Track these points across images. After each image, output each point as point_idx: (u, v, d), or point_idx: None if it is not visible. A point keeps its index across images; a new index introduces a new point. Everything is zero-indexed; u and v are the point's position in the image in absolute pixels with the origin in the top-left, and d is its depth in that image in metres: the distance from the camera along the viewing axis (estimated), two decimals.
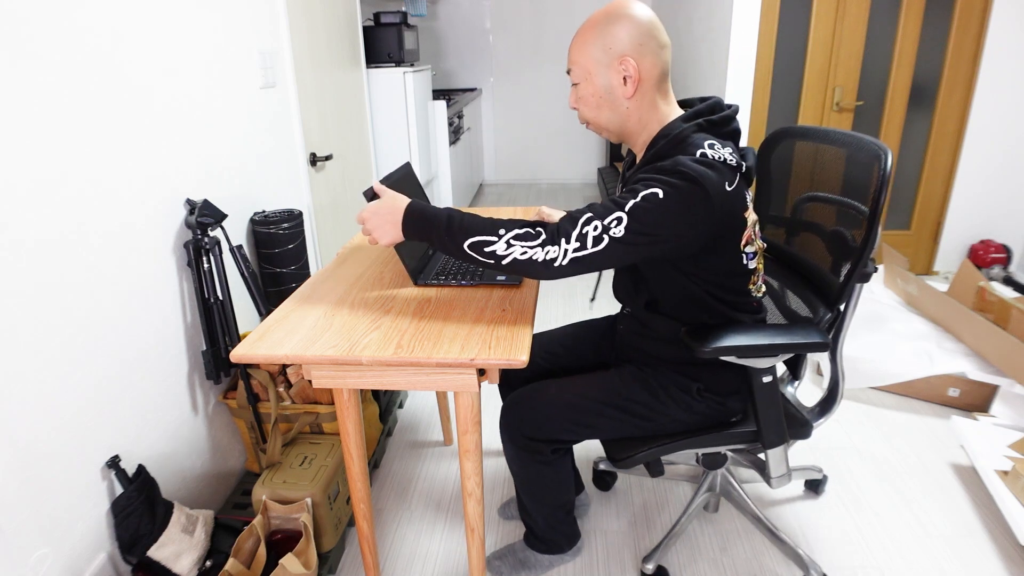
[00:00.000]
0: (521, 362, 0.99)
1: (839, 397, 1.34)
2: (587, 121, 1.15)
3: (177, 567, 1.27)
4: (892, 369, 2.12)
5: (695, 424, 1.26)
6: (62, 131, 1.13)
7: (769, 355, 1.14)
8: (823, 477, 1.70)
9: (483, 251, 1.03)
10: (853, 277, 1.18)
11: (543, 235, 1.01)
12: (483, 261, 1.05)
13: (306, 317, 1.16)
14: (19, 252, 1.05)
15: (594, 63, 1.07)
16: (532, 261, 1.01)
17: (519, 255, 1.02)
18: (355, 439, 1.22)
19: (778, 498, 1.70)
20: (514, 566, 1.47)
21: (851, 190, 1.21)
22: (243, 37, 1.78)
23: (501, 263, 1.03)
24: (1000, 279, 2.67)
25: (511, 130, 5.57)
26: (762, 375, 1.18)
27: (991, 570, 1.46)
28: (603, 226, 0.99)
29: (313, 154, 2.30)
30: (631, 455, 1.24)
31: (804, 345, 1.12)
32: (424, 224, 1.08)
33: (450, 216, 1.07)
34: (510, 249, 1.02)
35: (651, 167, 1.04)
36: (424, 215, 1.08)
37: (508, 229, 1.02)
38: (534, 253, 1.01)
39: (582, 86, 1.11)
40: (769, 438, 1.25)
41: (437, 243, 1.08)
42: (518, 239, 1.02)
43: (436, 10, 5.22)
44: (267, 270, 1.83)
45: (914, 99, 2.96)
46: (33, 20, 1.07)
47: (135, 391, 1.34)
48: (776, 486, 1.32)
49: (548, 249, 1.01)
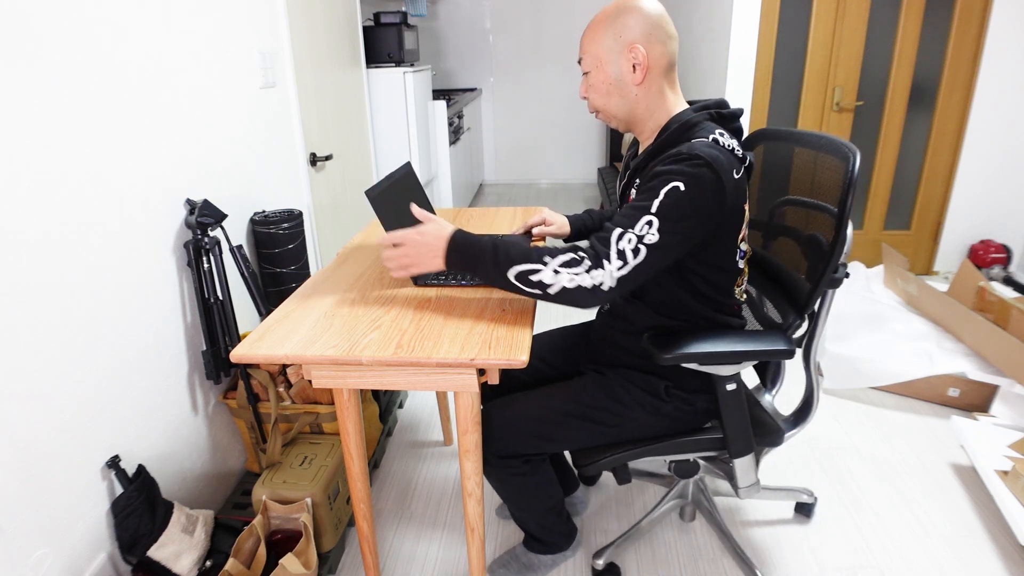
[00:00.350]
0: (521, 362, 0.99)
1: (815, 406, 1.30)
2: (597, 110, 1.16)
3: (177, 567, 1.27)
4: (892, 369, 2.12)
5: (663, 429, 1.24)
6: (62, 131, 1.13)
7: (731, 362, 1.12)
8: (814, 500, 1.63)
9: (530, 280, 1.03)
10: (821, 283, 1.15)
11: (587, 260, 1.00)
12: (529, 291, 1.04)
13: (306, 317, 1.16)
14: (19, 252, 1.05)
15: (605, 51, 1.09)
16: (580, 288, 1.00)
17: (567, 283, 1.01)
18: (355, 439, 1.22)
19: (770, 517, 1.70)
20: (518, 571, 1.46)
21: (824, 193, 1.18)
22: (243, 37, 1.78)
23: (548, 292, 1.02)
24: (1000, 279, 2.67)
25: (511, 130, 5.57)
26: (726, 382, 1.15)
27: (991, 570, 1.46)
28: (636, 236, 0.99)
29: (313, 154, 2.30)
30: (594, 461, 1.23)
31: (767, 352, 1.10)
32: (469, 254, 1.08)
33: (495, 244, 1.06)
34: (557, 277, 1.01)
35: (666, 156, 1.03)
36: (470, 245, 1.08)
37: (553, 256, 1.02)
38: (581, 280, 1.00)
39: (593, 74, 1.12)
40: (736, 446, 1.22)
41: (482, 273, 1.07)
42: (565, 266, 1.01)
43: (436, 10, 5.22)
44: (267, 270, 1.83)
45: (914, 99, 2.96)
46: (33, 20, 1.07)
47: (135, 391, 1.34)
48: (744, 496, 1.30)
49: (594, 274, 1.00)
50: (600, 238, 1.02)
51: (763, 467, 1.83)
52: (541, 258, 1.02)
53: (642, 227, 0.99)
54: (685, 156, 1.00)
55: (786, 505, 1.67)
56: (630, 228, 1.00)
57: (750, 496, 1.31)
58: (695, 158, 0.99)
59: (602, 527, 1.63)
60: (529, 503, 1.35)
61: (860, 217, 3.20)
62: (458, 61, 5.35)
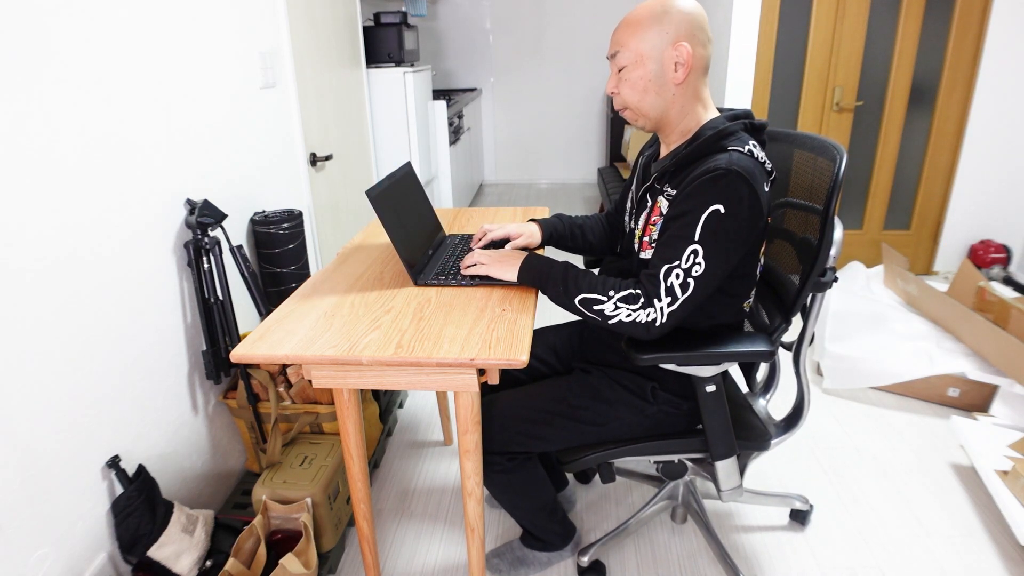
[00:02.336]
0: (521, 362, 0.99)
1: (806, 410, 1.29)
2: (627, 107, 1.13)
3: (177, 567, 1.27)
4: (892, 369, 2.12)
5: (647, 430, 1.24)
6: (62, 131, 1.13)
7: (710, 363, 1.11)
8: (809, 508, 1.61)
9: (592, 308, 1.08)
10: (807, 286, 1.14)
11: (642, 297, 1.04)
12: (590, 316, 1.09)
13: (306, 317, 1.16)
14: (19, 252, 1.05)
15: (648, 46, 1.07)
16: (636, 323, 1.05)
17: (624, 317, 1.05)
18: (355, 439, 1.22)
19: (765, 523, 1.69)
20: (512, 563, 1.47)
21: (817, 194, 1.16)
22: (243, 37, 1.78)
23: (608, 322, 1.07)
24: (1000, 279, 2.67)
25: (511, 130, 5.57)
26: (706, 384, 1.14)
27: (991, 570, 1.46)
28: (684, 270, 1.02)
29: (313, 154, 2.30)
30: (578, 458, 1.24)
31: (746, 353, 1.09)
32: (541, 272, 1.17)
33: (567, 268, 1.14)
34: (617, 311, 1.06)
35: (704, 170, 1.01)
36: (542, 263, 1.18)
37: (616, 291, 1.07)
38: (636, 316, 1.04)
39: (630, 69, 1.09)
40: (717, 449, 1.21)
41: (551, 291, 1.14)
42: (623, 301, 1.05)
43: (436, 10, 5.22)
44: (267, 270, 1.83)
45: (914, 99, 2.96)
46: (33, 21, 1.07)
47: (135, 391, 1.34)
48: (727, 499, 1.29)
49: (648, 311, 1.04)
50: (649, 276, 1.05)
51: (762, 468, 1.83)
52: (607, 291, 1.07)
53: (688, 258, 1.01)
54: (723, 172, 0.99)
55: (779, 514, 1.66)
56: (677, 262, 1.02)
57: (733, 499, 1.31)
58: (731, 174, 0.99)
59: (592, 525, 1.63)
60: (517, 501, 1.35)
61: (860, 217, 3.20)
62: (458, 61, 5.35)
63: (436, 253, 1.45)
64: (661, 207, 1.11)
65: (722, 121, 1.09)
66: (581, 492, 1.75)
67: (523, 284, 1.21)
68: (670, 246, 1.03)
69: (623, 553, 1.54)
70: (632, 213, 1.25)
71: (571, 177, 5.68)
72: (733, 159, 1.01)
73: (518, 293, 1.24)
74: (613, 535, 1.51)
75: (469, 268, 1.27)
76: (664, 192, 1.12)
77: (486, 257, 1.26)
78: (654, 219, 1.13)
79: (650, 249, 1.14)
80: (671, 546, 1.56)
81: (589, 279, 1.10)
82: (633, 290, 1.06)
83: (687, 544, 1.57)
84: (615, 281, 1.08)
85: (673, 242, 1.03)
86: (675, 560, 1.52)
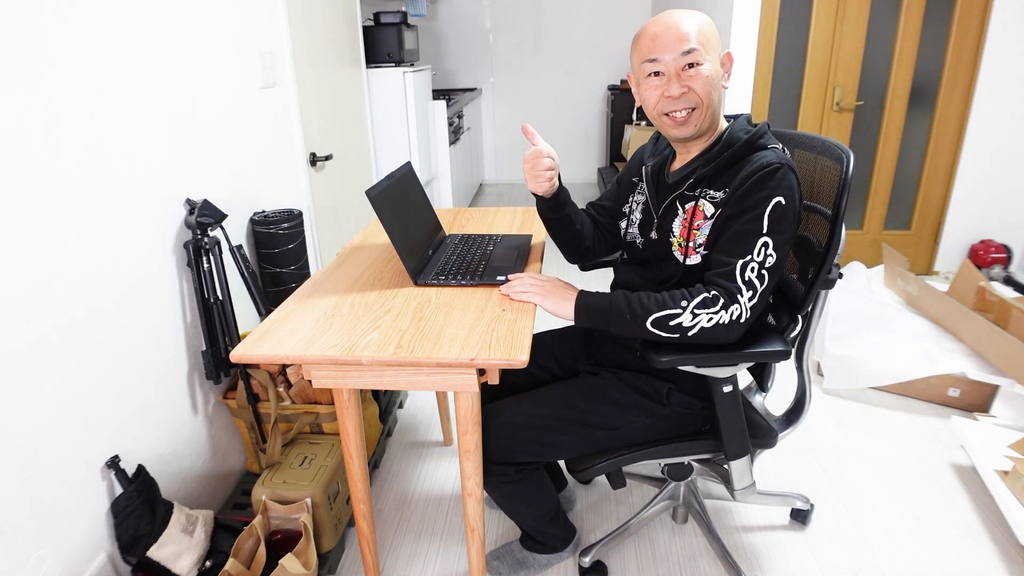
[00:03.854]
0: (521, 362, 0.99)
1: (807, 405, 1.31)
2: (697, 105, 1.09)
3: (177, 567, 1.27)
4: (892, 369, 2.12)
5: (660, 432, 1.23)
6: (61, 131, 1.13)
7: (728, 364, 1.11)
8: (810, 507, 1.61)
9: (668, 325, 1.05)
10: (816, 283, 1.15)
11: (721, 298, 1.03)
12: (667, 336, 1.06)
13: (306, 317, 1.16)
14: (19, 252, 1.05)
15: (714, 45, 1.09)
16: (719, 325, 1.04)
17: (705, 323, 1.03)
18: (355, 439, 1.22)
19: (766, 523, 1.69)
20: (512, 566, 1.47)
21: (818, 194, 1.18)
22: (243, 37, 1.78)
23: (687, 333, 1.05)
24: (1000, 279, 2.67)
25: (511, 130, 5.57)
26: (723, 384, 1.15)
27: (991, 570, 1.46)
28: (758, 263, 1.03)
29: (313, 154, 2.30)
30: (591, 466, 1.21)
31: (764, 353, 1.09)
32: (600, 308, 1.10)
33: (627, 297, 1.09)
34: (696, 319, 1.04)
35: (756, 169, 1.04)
36: (598, 299, 1.12)
37: (688, 299, 1.04)
38: (719, 317, 1.03)
39: (705, 66, 1.08)
40: (732, 449, 1.22)
41: (617, 324, 1.09)
42: (700, 307, 1.03)
43: (436, 10, 5.22)
44: (267, 270, 1.83)
45: (914, 99, 2.96)
46: (32, 21, 1.07)
47: (135, 391, 1.34)
48: (740, 498, 1.29)
49: (731, 309, 1.03)
50: (723, 274, 1.05)
51: (762, 468, 1.83)
52: (679, 302, 1.05)
53: (759, 251, 1.03)
54: (777, 166, 1.03)
55: (779, 514, 1.66)
56: (749, 256, 1.03)
57: (745, 498, 1.30)
58: (784, 168, 1.04)
59: (593, 525, 1.63)
60: (521, 508, 1.34)
61: (860, 217, 3.20)
62: (458, 61, 5.35)
63: (436, 253, 1.45)
64: (705, 210, 1.12)
65: (744, 124, 1.12)
66: (581, 492, 1.75)
67: (580, 322, 1.13)
68: (739, 243, 1.04)
69: (624, 553, 1.54)
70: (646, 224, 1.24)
71: (571, 177, 5.68)
72: (778, 154, 1.05)
73: None
74: (614, 535, 1.51)
75: (519, 293, 1.18)
76: (706, 196, 1.12)
77: (537, 286, 1.17)
78: (697, 223, 1.12)
79: (696, 254, 1.13)
80: (672, 546, 1.56)
81: (653, 298, 1.07)
82: (706, 294, 1.04)
83: (688, 544, 1.56)
84: (678, 292, 1.06)
85: (742, 238, 1.04)
86: (676, 560, 1.52)
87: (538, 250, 1.49)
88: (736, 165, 1.09)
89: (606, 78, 5.32)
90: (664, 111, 1.11)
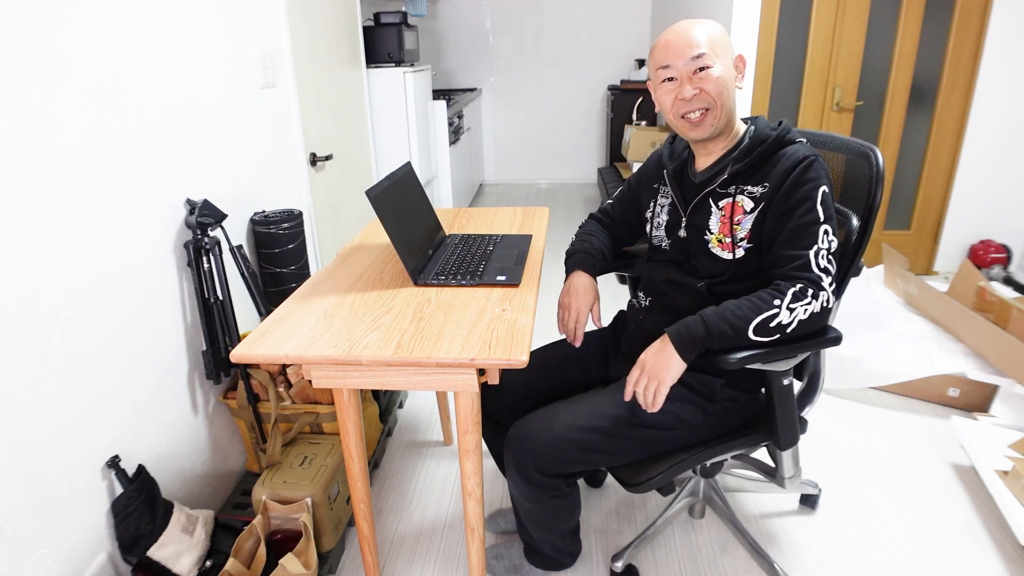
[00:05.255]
0: (521, 362, 0.99)
1: (819, 390, 1.33)
2: (711, 106, 1.11)
3: (177, 567, 1.27)
4: (892, 369, 2.12)
5: (712, 430, 1.22)
6: (61, 131, 1.13)
7: (791, 356, 1.12)
8: (818, 492, 1.65)
9: (769, 328, 1.05)
10: (850, 271, 1.19)
11: (809, 288, 1.06)
12: (768, 341, 1.06)
13: (306, 317, 1.16)
14: (19, 252, 1.05)
15: (724, 48, 1.13)
16: (813, 315, 1.06)
17: (802, 315, 1.05)
18: (355, 439, 1.22)
19: (778, 502, 1.70)
20: (508, 570, 1.46)
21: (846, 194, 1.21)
22: (243, 37, 1.78)
23: (787, 331, 1.06)
24: (1000, 279, 2.67)
25: (511, 130, 5.57)
26: (782, 377, 1.16)
27: (991, 570, 1.46)
28: (826, 249, 1.08)
29: (313, 154, 2.30)
30: (652, 476, 1.16)
31: (822, 341, 1.11)
32: (697, 337, 1.07)
33: (715, 314, 1.07)
34: (793, 313, 1.05)
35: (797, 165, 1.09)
36: (688, 330, 1.07)
37: (780, 297, 1.05)
38: (811, 307, 1.05)
39: (715, 68, 1.10)
40: (786, 440, 1.22)
41: (719, 343, 1.06)
42: (795, 301, 1.05)
43: (436, 10, 5.22)
44: (267, 270, 1.83)
45: (914, 99, 2.96)
46: (32, 21, 1.07)
47: (135, 391, 1.34)
48: (789, 487, 1.30)
49: (820, 297, 1.06)
50: (799, 267, 1.07)
51: None
52: (771, 301, 1.06)
53: (823, 239, 1.08)
54: (812, 158, 1.10)
55: (789, 500, 1.68)
56: (817, 244, 1.07)
57: (793, 486, 1.30)
58: (818, 158, 1.10)
59: (606, 527, 1.63)
60: (555, 524, 1.30)
61: None
62: (458, 61, 5.35)
63: (436, 253, 1.45)
64: (744, 206, 1.14)
65: (767, 122, 1.17)
66: (596, 497, 1.74)
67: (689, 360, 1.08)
68: (804, 235, 1.07)
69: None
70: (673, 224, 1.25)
71: (571, 177, 5.68)
72: (807, 147, 1.12)
73: (518, 293, 1.24)
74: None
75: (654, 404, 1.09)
76: (743, 191, 1.14)
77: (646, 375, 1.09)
78: (737, 218, 1.15)
79: (738, 248, 1.15)
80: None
81: (745, 305, 1.06)
82: (795, 287, 1.05)
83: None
84: (764, 293, 1.06)
85: (805, 230, 1.08)
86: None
87: (538, 250, 1.49)
88: (769, 160, 1.13)
89: (606, 78, 5.32)
90: (680, 113, 1.14)
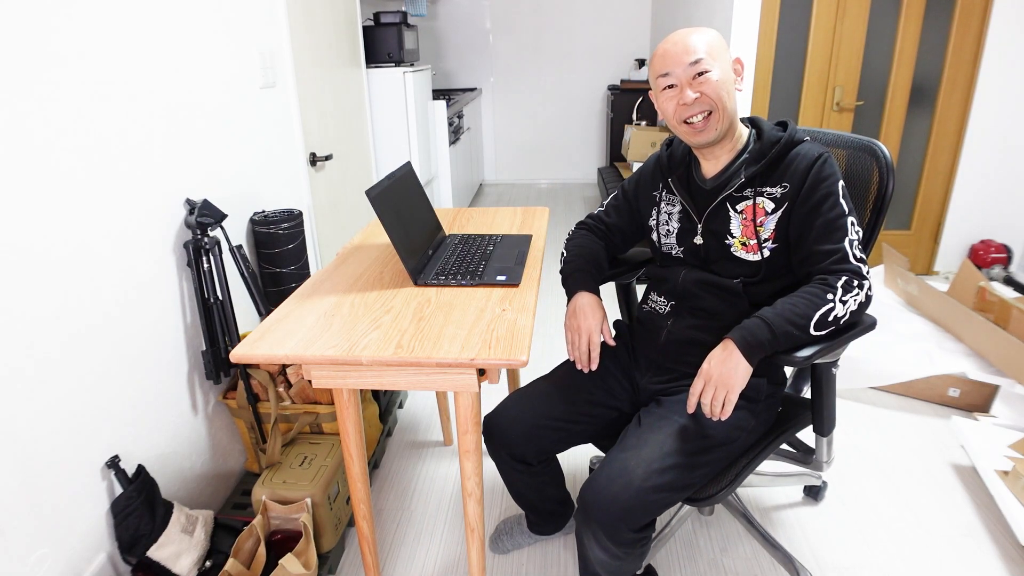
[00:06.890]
0: (521, 362, 0.99)
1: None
2: (712, 108, 1.11)
3: (177, 567, 1.27)
4: (892, 369, 2.12)
5: (758, 429, 1.22)
6: (61, 131, 1.13)
7: (844, 346, 1.13)
8: (823, 483, 1.68)
9: (827, 322, 1.06)
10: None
11: (854, 279, 1.08)
12: (826, 335, 1.08)
13: (306, 317, 1.16)
14: (18, 252, 1.05)
15: (721, 52, 1.14)
16: (862, 304, 1.09)
17: (854, 306, 1.08)
18: (355, 439, 1.22)
19: (778, 503, 1.70)
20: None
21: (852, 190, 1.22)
22: (243, 37, 1.78)
23: (840, 322, 1.08)
24: (1000, 279, 2.67)
25: (511, 130, 5.57)
26: (832, 366, 1.18)
27: (991, 570, 1.46)
28: (856, 239, 1.10)
29: (313, 154, 2.30)
30: (719, 490, 1.14)
31: (865, 328, 1.13)
32: (762, 340, 1.06)
33: (776, 315, 1.06)
34: (846, 304, 1.07)
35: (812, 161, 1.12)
36: (752, 332, 1.06)
37: (831, 290, 1.07)
38: (859, 297, 1.08)
39: (714, 72, 1.11)
40: (828, 426, 1.24)
41: (785, 343, 1.06)
42: (845, 292, 1.07)
43: (436, 10, 5.22)
44: (267, 270, 1.83)
45: (914, 99, 2.96)
46: (32, 21, 1.07)
47: (135, 391, 1.34)
48: (825, 470, 1.32)
49: (864, 286, 1.08)
50: (837, 260, 1.09)
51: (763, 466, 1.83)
52: (825, 295, 1.06)
53: (851, 230, 1.10)
54: (825, 155, 1.13)
55: (788, 499, 1.68)
56: (848, 236, 1.10)
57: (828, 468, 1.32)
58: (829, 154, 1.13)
59: None
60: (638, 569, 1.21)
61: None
62: (458, 61, 5.35)
63: (436, 253, 1.45)
64: (765, 207, 1.15)
65: (771, 124, 1.19)
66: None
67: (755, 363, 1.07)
68: (834, 229, 1.10)
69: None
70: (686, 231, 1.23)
71: (571, 177, 5.68)
72: (816, 144, 1.15)
73: (518, 293, 1.24)
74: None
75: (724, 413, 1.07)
76: (763, 193, 1.15)
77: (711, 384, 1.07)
78: (760, 219, 1.15)
79: (764, 249, 1.15)
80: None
81: (801, 303, 1.06)
82: (841, 280, 1.07)
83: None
84: (814, 288, 1.08)
85: (834, 224, 1.10)
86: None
87: (538, 250, 1.49)
88: (783, 161, 1.15)
89: (606, 78, 5.32)
90: (682, 119, 1.14)
